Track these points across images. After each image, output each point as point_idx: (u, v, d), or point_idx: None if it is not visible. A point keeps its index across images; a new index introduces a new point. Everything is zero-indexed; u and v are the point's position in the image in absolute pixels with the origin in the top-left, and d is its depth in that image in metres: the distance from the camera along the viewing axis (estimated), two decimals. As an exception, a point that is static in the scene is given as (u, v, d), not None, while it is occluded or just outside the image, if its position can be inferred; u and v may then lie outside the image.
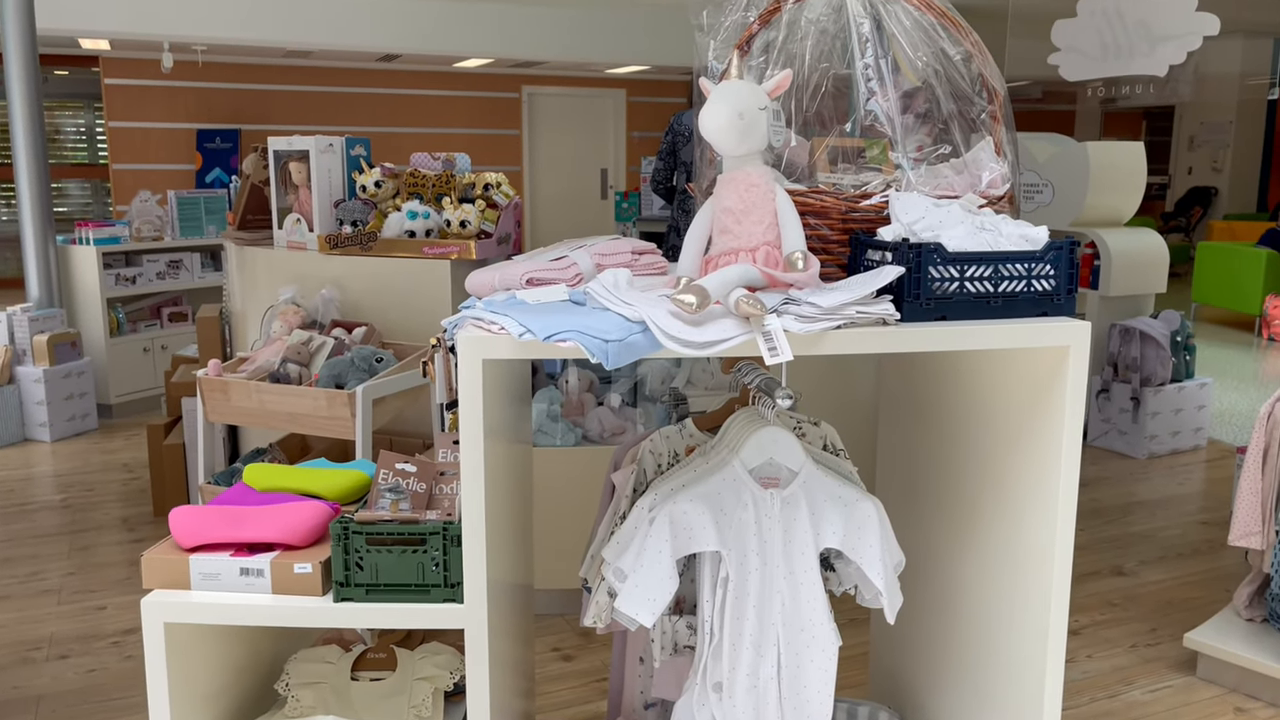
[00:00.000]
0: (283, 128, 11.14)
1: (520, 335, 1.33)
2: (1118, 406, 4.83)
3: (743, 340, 1.35)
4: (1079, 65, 5.56)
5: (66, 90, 11.41)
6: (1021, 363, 1.58)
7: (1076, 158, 4.99)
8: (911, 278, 1.45)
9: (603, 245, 1.70)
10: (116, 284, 5.32)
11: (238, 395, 2.75)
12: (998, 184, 1.70)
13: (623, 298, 1.42)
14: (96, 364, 5.27)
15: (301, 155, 3.22)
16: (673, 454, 1.67)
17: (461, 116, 12.09)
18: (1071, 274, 1.52)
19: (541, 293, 1.54)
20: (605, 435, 3.08)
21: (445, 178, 3.19)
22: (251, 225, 3.58)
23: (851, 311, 1.40)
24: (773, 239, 1.54)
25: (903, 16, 1.70)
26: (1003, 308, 1.49)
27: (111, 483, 4.36)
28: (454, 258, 2.99)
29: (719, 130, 1.52)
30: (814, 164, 1.75)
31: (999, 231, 1.53)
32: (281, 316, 2.98)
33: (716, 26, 1.77)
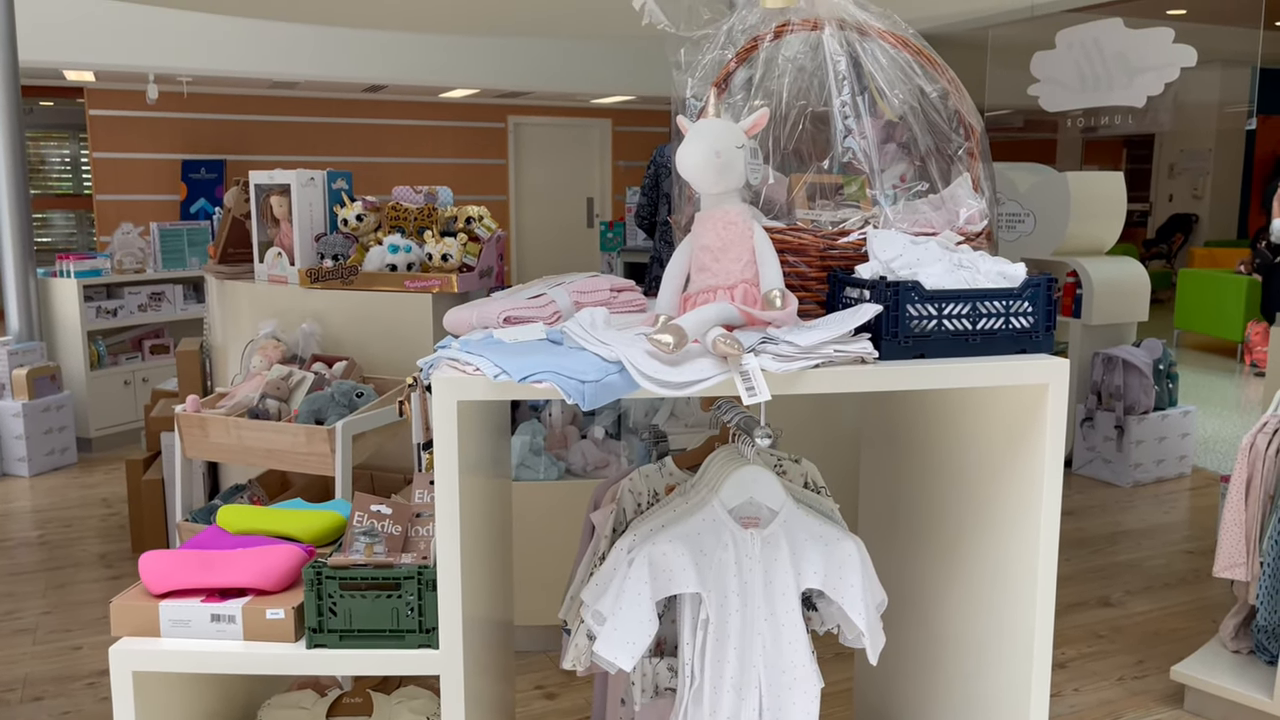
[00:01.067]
0: (268, 158, 11.15)
1: (496, 376, 1.32)
2: (1102, 435, 4.84)
3: (720, 380, 1.34)
4: (1058, 96, 5.61)
5: (51, 121, 11.38)
6: (1001, 399, 1.57)
7: (1057, 187, 5.03)
8: (889, 316, 1.45)
9: (581, 283, 1.69)
10: (97, 317, 5.29)
11: (216, 431, 2.72)
12: (975, 220, 1.71)
13: (599, 337, 1.41)
14: (76, 397, 5.22)
15: (283, 189, 3.21)
16: (652, 493, 1.65)
17: (447, 146, 12.12)
18: (1049, 311, 1.52)
19: (519, 331, 1.53)
20: (588, 468, 3.06)
21: (427, 211, 3.18)
22: (233, 259, 3.56)
23: (829, 350, 1.40)
24: (751, 276, 1.53)
25: (879, 54, 1.70)
26: (981, 345, 1.48)
27: (90, 518, 4.31)
28: (435, 291, 2.98)
29: (696, 169, 1.52)
30: (792, 200, 1.75)
31: (977, 269, 1.53)
32: (261, 351, 2.96)
33: (694, 64, 1.78)
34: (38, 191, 11.41)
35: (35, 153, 11.40)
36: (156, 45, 8.62)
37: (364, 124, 11.59)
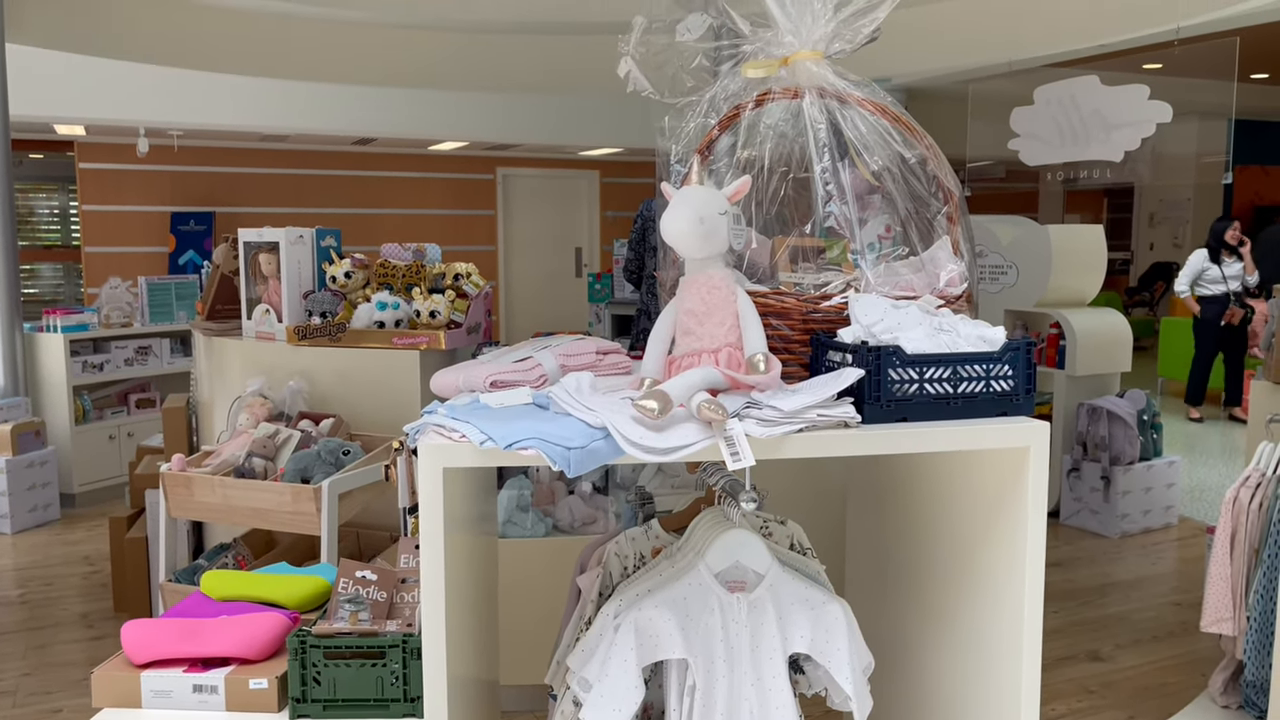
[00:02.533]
0: (258, 210, 11.21)
1: (481, 443, 1.33)
2: (1088, 485, 4.85)
3: (705, 445, 1.36)
4: (1038, 151, 5.71)
5: (40, 173, 11.40)
6: (984, 460, 1.58)
7: (1039, 240, 5.10)
8: (872, 380, 1.46)
9: (567, 345, 1.71)
10: (83, 371, 5.27)
11: (201, 491, 2.71)
12: (955, 283, 1.73)
13: (585, 403, 1.42)
14: (60, 452, 5.19)
15: (271, 246, 3.23)
16: (639, 556, 1.65)
17: (436, 198, 12.21)
18: (1029, 374, 1.54)
19: (505, 395, 1.54)
20: (576, 525, 3.05)
21: (415, 268, 3.21)
22: (221, 315, 3.57)
23: (813, 415, 1.41)
24: (734, 340, 1.55)
25: (858, 121, 1.74)
26: (963, 408, 1.50)
27: (72, 576, 4.26)
28: (423, 348, 2.99)
29: (681, 235, 1.55)
30: (775, 264, 1.78)
31: (957, 332, 1.55)
32: (248, 409, 2.95)
33: (678, 130, 1.81)
34: (26, 243, 11.40)
35: (24, 204, 11.42)
36: (148, 99, 8.69)
37: (354, 176, 11.67)
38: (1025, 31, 5.90)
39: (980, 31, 6.12)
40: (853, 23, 1.78)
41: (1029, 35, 5.89)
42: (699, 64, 1.87)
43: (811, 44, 1.77)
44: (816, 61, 1.77)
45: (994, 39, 6.07)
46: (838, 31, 1.78)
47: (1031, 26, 5.85)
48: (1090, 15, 5.59)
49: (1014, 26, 5.93)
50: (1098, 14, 5.52)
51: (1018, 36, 5.95)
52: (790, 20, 1.77)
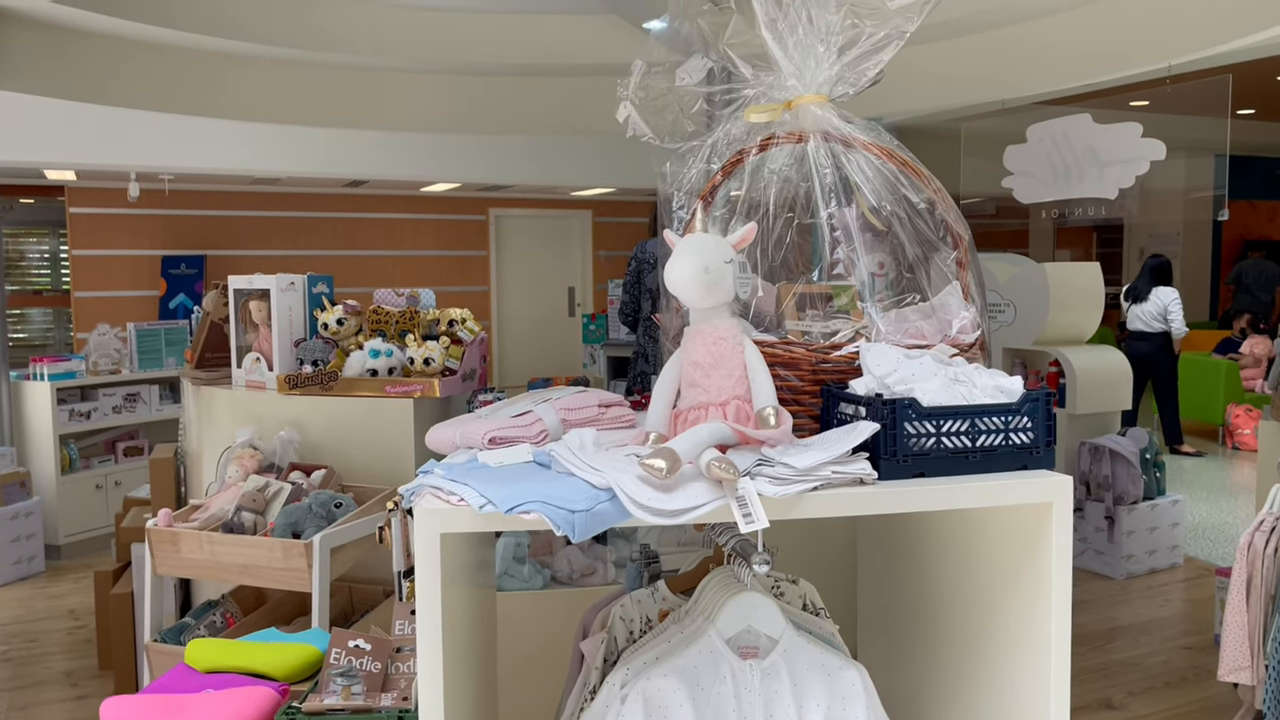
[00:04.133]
0: (249, 253, 11.17)
1: (481, 506, 1.26)
2: (1092, 525, 4.78)
3: (716, 506, 1.29)
4: (1031, 188, 5.71)
5: (31, 218, 11.35)
6: (1003, 515, 1.52)
7: (1036, 278, 5.08)
8: (887, 434, 1.40)
9: (568, 399, 1.65)
10: (70, 420, 5.18)
11: (188, 547, 2.63)
12: (968, 330, 1.68)
13: (589, 462, 1.36)
14: (46, 503, 5.08)
15: (262, 293, 3.17)
16: (645, 620, 1.58)
17: (429, 239, 12.19)
18: (1049, 425, 1.49)
19: (504, 454, 1.47)
20: (574, 576, 2.97)
21: (409, 314, 3.15)
22: (210, 363, 3.50)
23: (827, 472, 1.35)
24: (743, 393, 1.50)
25: (864, 165, 1.70)
26: (981, 462, 1.44)
27: (56, 632, 4.15)
28: (417, 396, 2.93)
29: (685, 284, 1.49)
30: (782, 312, 1.73)
31: (973, 383, 1.50)
32: (237, 460, 2.88)
33: (680, 177, 1.77)
34: (16, 288, 11.33)
35: (15, 249, 11.36)
36: (139, 144, 8.66)
37: (345, 218, 11.65)
38: (1017, 70, 5.92)
39: (972, 70, 6.14)
40: (856, 65, 1.75)
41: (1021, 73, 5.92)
42: (699, 108, 1.83)
43: (815, 87, 1.73)
44: (820, 105, 1.73)
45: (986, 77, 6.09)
46: (841, 74, 1.75)
47: (1023, 65, 5.88)
48: (1083, 54, 5.61)
49: (1006, 65, 5.96)
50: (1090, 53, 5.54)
51: (1009, 75, 5.97)
52: (793, 63, 1.73)
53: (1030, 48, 5.82)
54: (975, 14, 5.61)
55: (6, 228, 11.23)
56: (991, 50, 6.01)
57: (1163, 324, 7.26)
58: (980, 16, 5.69)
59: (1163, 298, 7.27)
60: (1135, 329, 7.40)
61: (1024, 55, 5.86)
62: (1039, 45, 5.78)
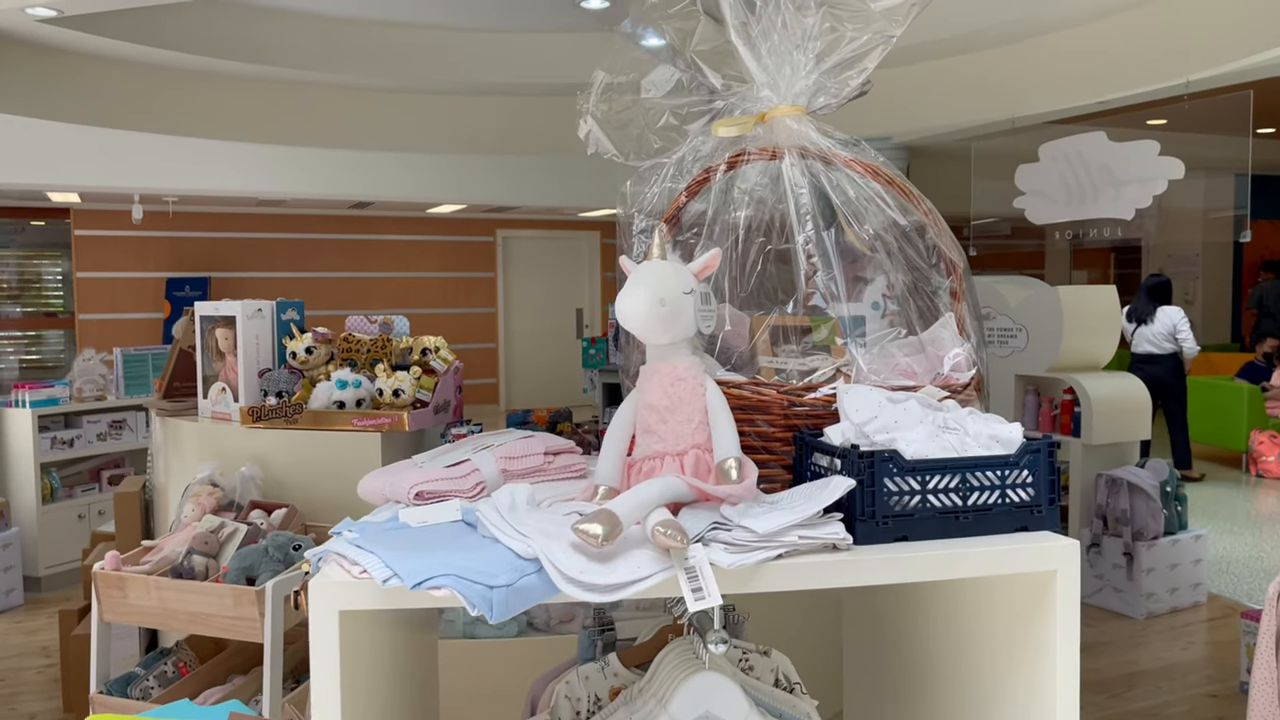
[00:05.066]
0: (254, 274, 11.08)
1: (385, 580, 1.09)
2: (1110, 562, 4.56)
3: (661, 579, 1.11)
4: (1044, 209, 5.52)
5: (45, 240, 11.30)
6: (1001, 583, 1.33)
7: (1049, 301, 4.88)
8: (865, 492, 1.22)
9: (510, 446, 1.47)
10: (52, 448, 5.05)
11: (136, 592, 2.46)
12: (962, 368, 1.50)
13: (517, 526, 1.18)
14: (26, 533, 4.94)
15: (228, 320, 3.02)
16: (593, 699, 1.40)
17: (435, 261, 12.08)
18: (1052, 480, 1.30)
19: (429, 511, 1.30)
20: (552, 623, 2.79)
21: (381, 342, 2.99)
22: (179, 393, 3.35)
23: (793, 537, 1.17)
24: (703, 440, 1.32)
25: (846, 185, 1.52)
26: (974, 523, 1.26)
27: (26, 670, 3.99)
28: (385, 430, 2.76)
29: (638, 318, 1.32)
30: (754, 347, 1.55)
31: (965, 431, 1.32)
32: (194, 499, 2.72)
33: (640, 197, 1.60)
34: (31, 309, 11.29)
35: (31, 270, 11.31)
36: (141, 166, 8.59)
37: (352, 239, 11.56)
38: (1028, 87, 5.74)
39: (982, 88, 5.97)
40: (838, 74, 1.58)
41: (1032, 91, 5.74)
42: (666, 122, 1.66)
43: (791, 98, 1.56)
44: (797, 118, 1.56)
45: (996, 95, 5.91)
46: (821, 84, 1.57)
47: (1035, 82, 5.70)
48: (1096, 70, 5.43)
49: (1017, 82, 5.78)
50: (1104, 69, 5.36)
51: (1021, 92, 5.80)
52: (767, 73, 1.56)
53: (1042, 64, 5.65)
54: (984, 29, 5.45)
55: (19, 250, 11.23)
56: (1001, 67, 5.83)
57: (1173, 344, 7.01)
58: (990, 32, 5.53)
59: (1171, 317, 7.02)
60: (1143, 351, 7.15)
61: (1035, 72, 5.68)
62: (1051, 61, 5.60)
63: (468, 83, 6.97)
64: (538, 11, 6.10)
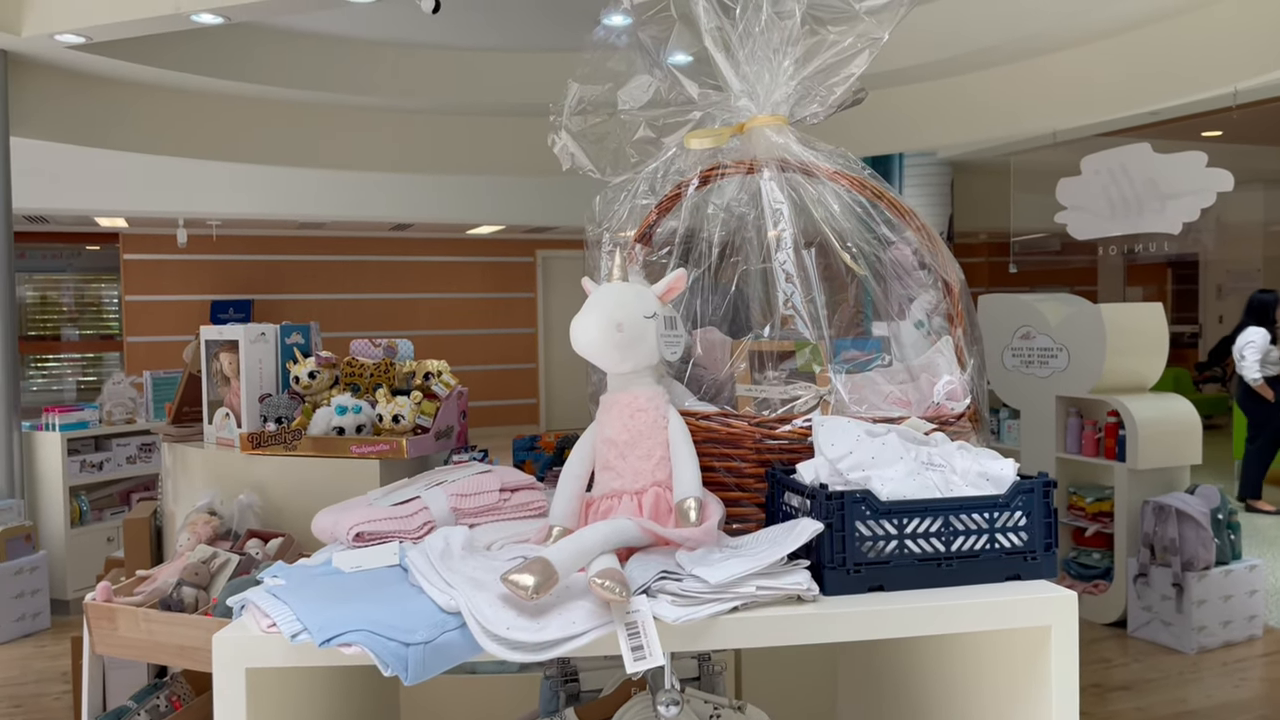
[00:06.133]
0: (296, 296, 11.19)
1: (294, 635, 0.99)
2: (1159, 593, 4.33)
3: (598, 636, 1.01)
4: (1087, 224, 5.33)
5: (100, 264, 11.53)
6: (994, 637, 1.20)
7: (1091, 320, 4.68)
8: (834, 536, 1.11)
9: (464, 482, 1.37)
10: (81, 471, 5.07)
11: (125, 624, 2.40)
12: (957, 396, 1.38)
13: (445, 574, 1.08)
14: (54, 556, 4.96)
15: (232, 345, 2.97)
16: (547, 758, 1.29)
17: (475, 281, 12.10)
18: (1048, 523, 1.17)
19: (365, 555, 1.21)
20: (556, 658, 2.68)
21: (384, 366, 2.92)
22: (187, 418, 3.31)
23: (751, 588, 1.06)
24: (664, 478, 1.22)
25: (830, 200, 1.41)
26: (959, 571, 1.13)
27: (44, 697, 3.98)
28: (385, 456, 2.68)
29: (593, 346, 1.23)
30: (731, 375, 1.44)
31: (951, 468, 1.19)
32: (191, 527, 2.66)
33: (609, 215, 1.50)
34: (89, 332, 11.52)
35: (91, 294, 11.56)
36: (185, 191, 8.73)
37: (392, 261, 11.62)
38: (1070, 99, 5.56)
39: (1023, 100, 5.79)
40: (823, 80, 1.47)
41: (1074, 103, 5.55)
42: (643, 135, 1.56)
43: (771, 107, 1.46)
44: (777, 128, 1.45)
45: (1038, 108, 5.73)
46: (804, 91, 1.47)
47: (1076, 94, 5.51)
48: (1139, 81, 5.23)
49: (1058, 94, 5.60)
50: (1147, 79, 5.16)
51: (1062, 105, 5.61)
52: (745, 81, 1.46)
53: (1083, 75, 5.46)
54: (1022, 39, 5.29)
55: (75, 274, 11.48)
56: (1042, 80, 5.66)
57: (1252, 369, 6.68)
58: (1028, 42, 5.36)
59: (1245, 337, 6.69)
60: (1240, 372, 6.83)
61: (1077, 83, 5.49)
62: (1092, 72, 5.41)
63: (504, 104, 6.96)
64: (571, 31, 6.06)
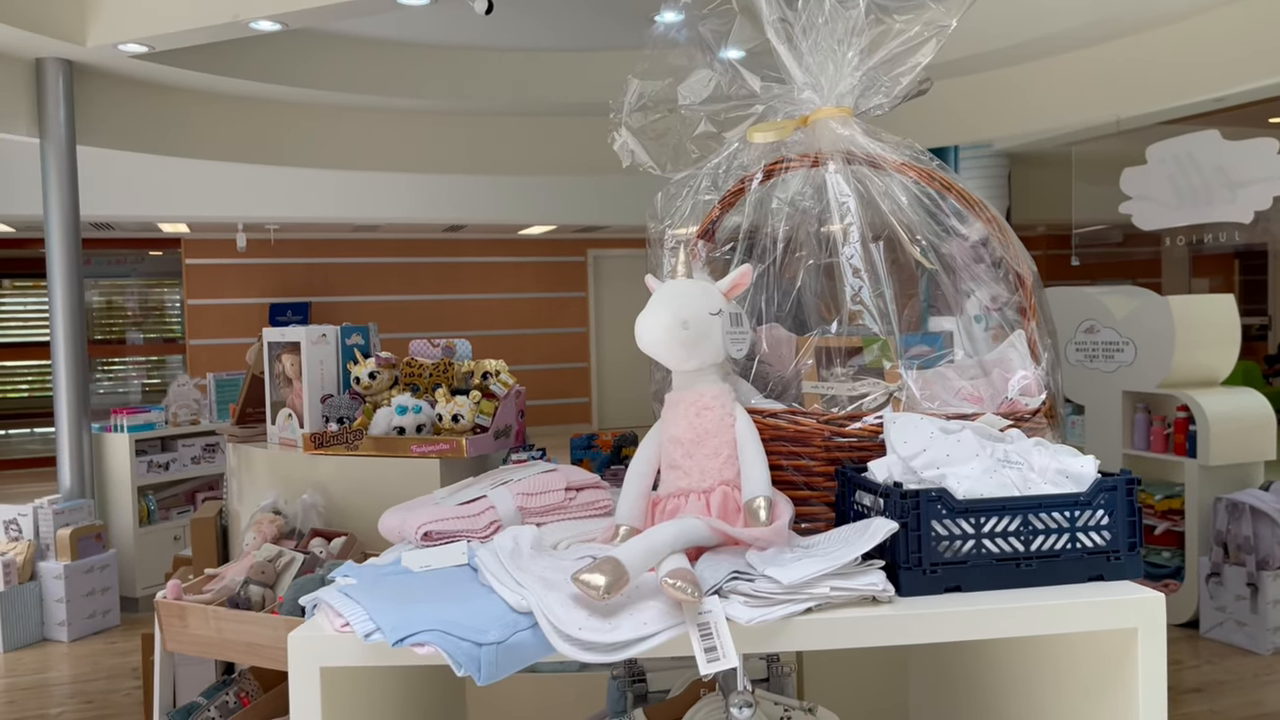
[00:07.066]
0: (352, 299, 11.34)
1: (368, 635, 0.99)
2: (1232, 593, 4.21)
3: (670, 637, 1.00)
4: (1153, 214, 5.19)
5: (163, 269, 11.80)
6: (1076, 640, 1.17)
7: (1159, 312, 4.55)
8: (909, 536, 1.08)
9: (530, 481, 1.37)
10: (149, 471, 5.19)
11: (195, 622, 2.45)
12: (1031, 392, 1.34)
13: (515, 574, 1.08)
14: (123, 555, 5.08)
15: (294, 346, 3.01)
16: (616, 759, 1.28)
17: (528, 281, 12.16)
18: (1133, 522, 1.13)
19: (434, 554, 1.21)
20: (617, 657, 2.67)
21: (443, 366, 2.94)
22: (251, 419, 3.37)
23: (825, 589, 1.04)
24: (731, 477, 1.20)
25: (898, 192, 1.38)
26: (1039, 572, 1.10)
27: (115, 693, 4.07)
28: (444, 456, 2.70)
29: (659, 344, 1.21)
30: (796, 371, 1.42)
31: (1029, 465, 1.16)
32: (256, 527, 2.70)
33: (671, 212, 1.49)
34: (153, 335, 11.81)
35: (154, 298, 11.86)
36: (244, 196, 8.90)
37: (445, 262, 11.73)
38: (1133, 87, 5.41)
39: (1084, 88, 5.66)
40: (888, 71, 1.44)
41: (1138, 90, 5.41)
42: (704, 130, 1.55)
43: (836, 99, 1.43)
44: (843, 120, 1.43)
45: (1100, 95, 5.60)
46: (870, 82, 1.44)
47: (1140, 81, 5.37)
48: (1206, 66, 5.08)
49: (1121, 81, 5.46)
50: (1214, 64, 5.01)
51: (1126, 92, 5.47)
52: (809, 73, 1.43)
53: (1147, 61, 5.32)
54: (1085, 26, 5.17)
55: (140, 279, 11.79)
56: (1105, 65, 5.52)
57: None
58: (1091, 29, 5.24)
59: None
60: None
61: (1140, 69, 5.35)
62: (1157, 58, 5.27)
63: (555, 104, 6.99)
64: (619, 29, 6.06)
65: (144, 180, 8.24)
